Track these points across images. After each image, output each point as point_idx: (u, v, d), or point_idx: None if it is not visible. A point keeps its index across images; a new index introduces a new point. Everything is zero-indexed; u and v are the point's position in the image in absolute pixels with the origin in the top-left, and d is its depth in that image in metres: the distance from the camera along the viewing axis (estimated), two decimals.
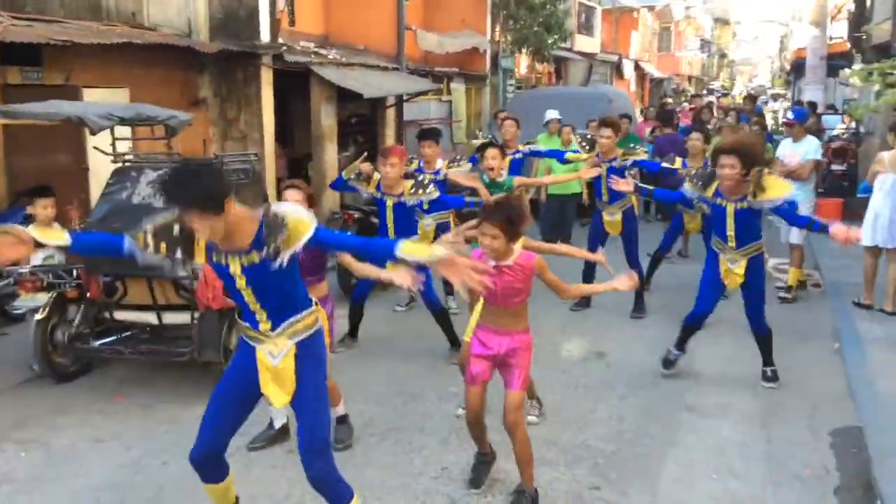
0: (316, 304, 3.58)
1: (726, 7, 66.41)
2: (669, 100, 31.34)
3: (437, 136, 7.83)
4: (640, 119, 15.58)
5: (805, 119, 8.87)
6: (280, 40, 10.87)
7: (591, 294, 6.78)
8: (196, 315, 5.63)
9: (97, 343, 5.92)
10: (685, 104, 25.51)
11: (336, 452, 4.77)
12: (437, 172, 7.28)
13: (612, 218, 7.63)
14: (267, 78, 10.50)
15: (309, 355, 3.45)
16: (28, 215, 7.01)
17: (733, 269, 5.73)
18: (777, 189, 5.48)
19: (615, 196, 7.43)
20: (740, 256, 5.69)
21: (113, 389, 5.88)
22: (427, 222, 7.28)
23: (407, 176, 6.52)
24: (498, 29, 18.99)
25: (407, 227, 6.35)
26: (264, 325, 3.39)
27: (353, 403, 5.52)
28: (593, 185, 7.85)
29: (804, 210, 7.95)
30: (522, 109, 12.39)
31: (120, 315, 6.01)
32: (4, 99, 7.38)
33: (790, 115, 8.56)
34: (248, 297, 3.33)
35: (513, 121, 8.38)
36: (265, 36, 10.32)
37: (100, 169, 7.98)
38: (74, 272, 6.02)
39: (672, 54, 46.31)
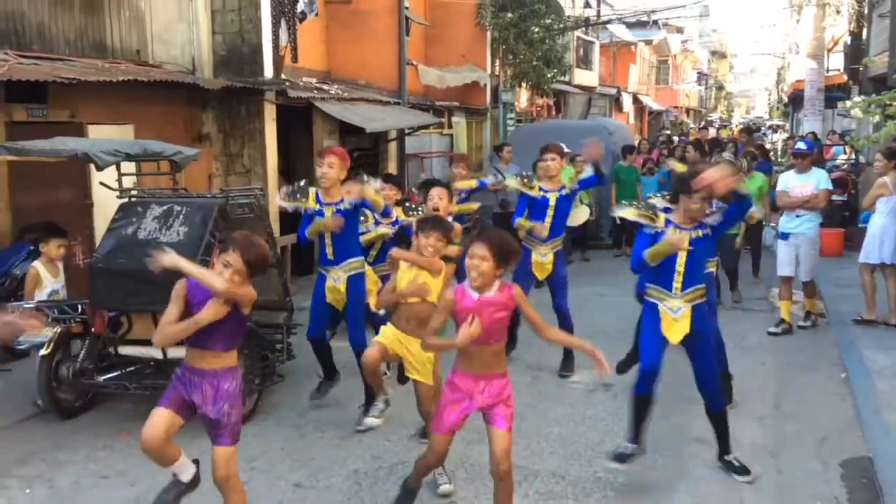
0: None
1: (722, 41, 67.17)
2: (667, 131, 31.56)
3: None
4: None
5: (814, 150, 9.04)
6: (283, 76, 10.99)
7: (569, 345, 5.69)
8: None
9: (102, 378, 5.90)
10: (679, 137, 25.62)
11: (344, 486, 4.76)
12: (395, 222, 6.61)
13: (542, 259, 6.82)
14: (270, 113, 10.59)
15: None
16: (33, 250, 7.03)
17: (677, 317, 4.73)
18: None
19: (553, 233, 6.82)
20: (684, 303, 4.72)
21: (117, 425, 5.84)
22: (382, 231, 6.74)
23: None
24: (498, 63, 19.18)
25: (347, 237, 5.81)
26: None
27: (361, 437, 5.51)
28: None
29: (811, 243, 8.01)
30: (523, 142, 12.48)
31: (125, 350, 5.99)
32: (10, 136, 7.43)
33: (802, 145, 8.50)
34: None
35: (464, 163, 8.63)
36: (268, 72, 10.43)
37: (104, 203, 8.02)
38: (79, 307, 6.02)
39: (670, 87, 46.74)
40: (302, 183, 5.81)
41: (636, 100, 36.79)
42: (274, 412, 6.09)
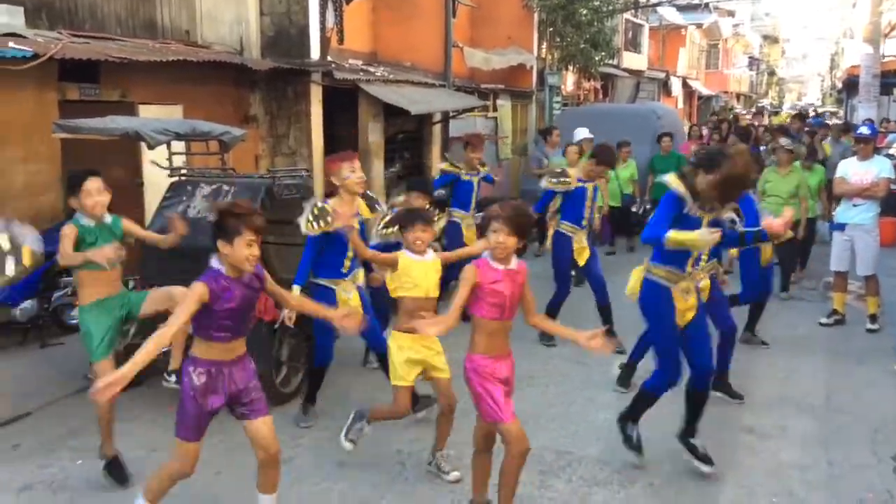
0: None
1: (775, 25, 65.66)
2: (715, 117, 30.97)
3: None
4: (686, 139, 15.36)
5: (877, 134, 8.70)
6: (329, 58, 11.00)
7: (556, 334, 4.82)
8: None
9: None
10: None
11: (388, 465, 4.77)
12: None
13: (582, 245, 7.37)
14: (316, 95, 10.62)
15: None
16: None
17: (688, 300, 4.56)
18: None
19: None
20: (704, 274, 4.84)
21: (168, 398, 5.91)
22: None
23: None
24: (545, 46, 18.96)
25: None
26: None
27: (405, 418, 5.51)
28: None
29: (869, 234, 7.72)
30: (569, 126, 12.35)
31: None
32: (63, 114, 7.54)
33: (865, 129, 8.17)
34: None
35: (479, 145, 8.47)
36: (315, 53, 10.45)
37: (154, 184, 8.12)
38: (130, 283, 6.10)
39: (720, 72, 45.83)
40: (317, 207, 5.10)
41: (685, 84, 36.17)
42: (320, 391, 6.11)
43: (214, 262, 3.64)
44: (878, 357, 6.94)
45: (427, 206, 6.18)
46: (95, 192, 4.55)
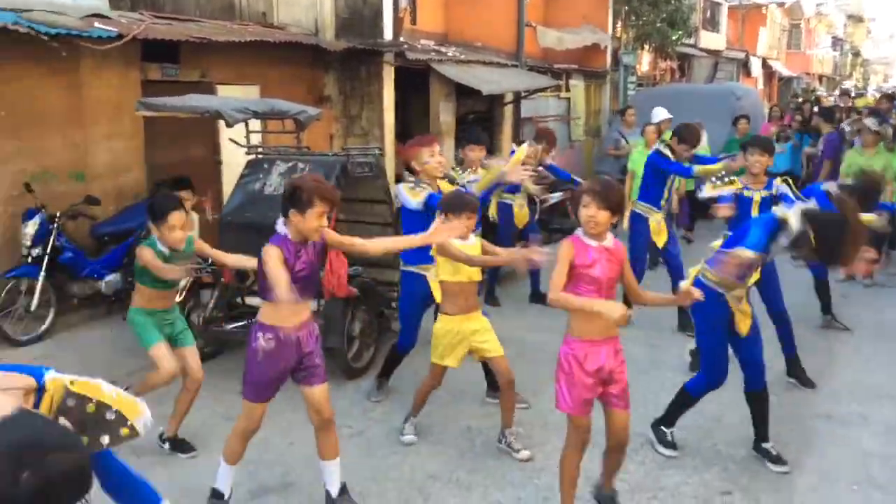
0: None
1: (860, 3, 63.01)
2: (797, 98, 29.95)
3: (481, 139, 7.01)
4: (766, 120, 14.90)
5: None
6: (401, 39, 11.03)
7: (664, 303, 4.59)
8: (321, 302, 5.77)
9: (230, 327, 6.15)
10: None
11: (457, 441, 4.80)
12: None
13: (659, 226, 7.09)
14: (389, 75, 10.67)
15: None
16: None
17: (741, 307, 4.41)
18: None
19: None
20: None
21: (242, 372, 6.07)
22: None
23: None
24: (619, 25, 18.60)
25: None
26: None
27: (474, 395, 5.52)
28: None
29: None
30: (644, 107, 12.11)
31: (251, 300, 6.22)
32: (145, 93, 7.77)
33: None
34: None
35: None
36: (388, 34, 10.49)
37: (231, 162, 8.31)
38: (209, 259, 6.27)
39: (802, 52, 44.22)
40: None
41: (765, 65, 35.02)
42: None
43: (280, 228, 3.72)
44: None
45: (483, 157, 6.55)
46: (179, 226, 4.50)
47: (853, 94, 34.62)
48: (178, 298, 5.94)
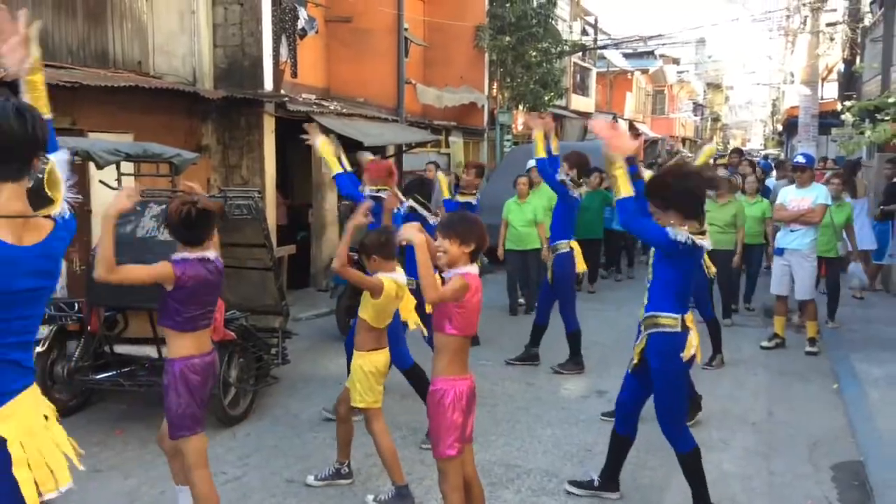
0: None
1: (719, 72, 67.77)
2: (660, 158, 31.71)
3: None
4: None
5: (814, 164, 9.12)
6: (282, 91, 11.09)
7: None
8: None
9: (97, 377, 5.90)
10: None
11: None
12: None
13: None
14: (269, 125, 10.67)
15: None
16: None
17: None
18: None
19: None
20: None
21: (112, 423, 5.84)
22: None
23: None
24: (495, 85, 19.36)
25: None
26: None
27: (356, 436, 5.49)
28: None
29: (808, 258, 7.96)
30: (520, 163, 12.55)
31: (120, 349, 6.00)
32: None
33: (801, 158, 8.40)
34: None
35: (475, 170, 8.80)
36: (268, 85, 10.51)
37: (102, 206, 8.04)
38: (76, 306, 6.04)
39: (666, 116, 47.11)
40: None
41: (632, 127, 37.04)
42: (268, 413, 6.10)
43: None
44: (817, 377, 7.15)
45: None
46: None
47: (715, 158, 36.84)
48: (39, 349, 5.69)
